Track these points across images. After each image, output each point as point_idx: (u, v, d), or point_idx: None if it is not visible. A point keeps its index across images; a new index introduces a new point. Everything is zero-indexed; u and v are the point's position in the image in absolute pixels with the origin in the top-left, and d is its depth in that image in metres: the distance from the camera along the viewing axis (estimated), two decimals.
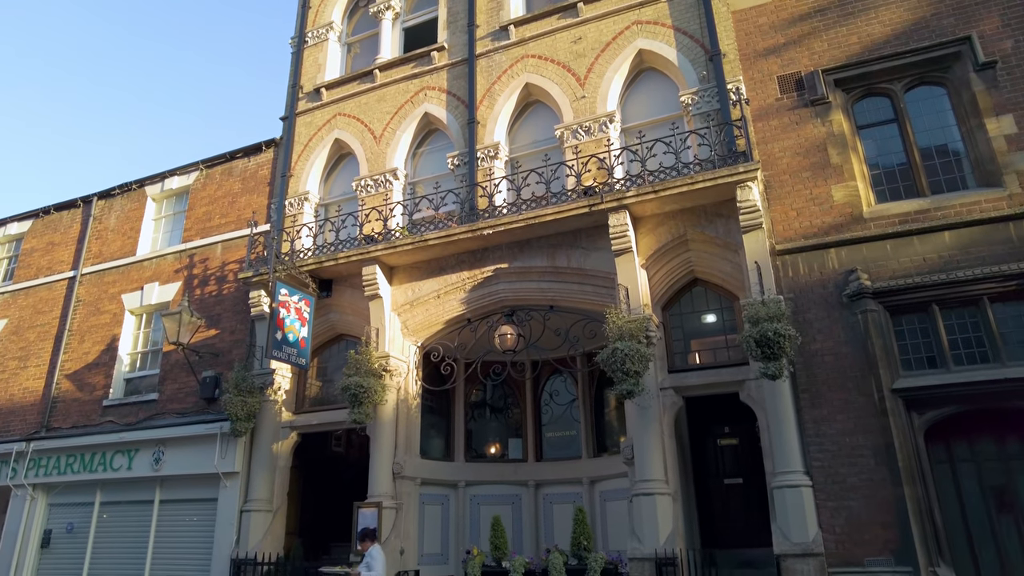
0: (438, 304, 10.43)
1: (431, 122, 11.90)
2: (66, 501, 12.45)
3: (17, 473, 12.69)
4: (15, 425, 13.43)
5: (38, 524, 12.44)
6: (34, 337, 14.19)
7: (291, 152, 12.78)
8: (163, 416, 11.75)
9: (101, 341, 13.23)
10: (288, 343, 10.11)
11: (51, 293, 14.49)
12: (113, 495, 11.96)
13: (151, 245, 13.88)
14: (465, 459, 11.12)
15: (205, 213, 13.21)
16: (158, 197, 14.24)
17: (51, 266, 14.82)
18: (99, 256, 14.20)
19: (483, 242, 9.93)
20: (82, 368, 13.18)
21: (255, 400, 10.59)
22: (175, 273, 12.98)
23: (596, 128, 10.26)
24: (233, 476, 10.70)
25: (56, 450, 12.50)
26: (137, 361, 13.01)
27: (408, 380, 10.41)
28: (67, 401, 13.04)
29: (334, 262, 10.61)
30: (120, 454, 11.82)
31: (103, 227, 14.50)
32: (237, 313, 11.92)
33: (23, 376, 13.88)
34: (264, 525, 10.40)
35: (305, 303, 10.60)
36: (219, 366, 11.63)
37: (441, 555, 10.35)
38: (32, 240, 15.49)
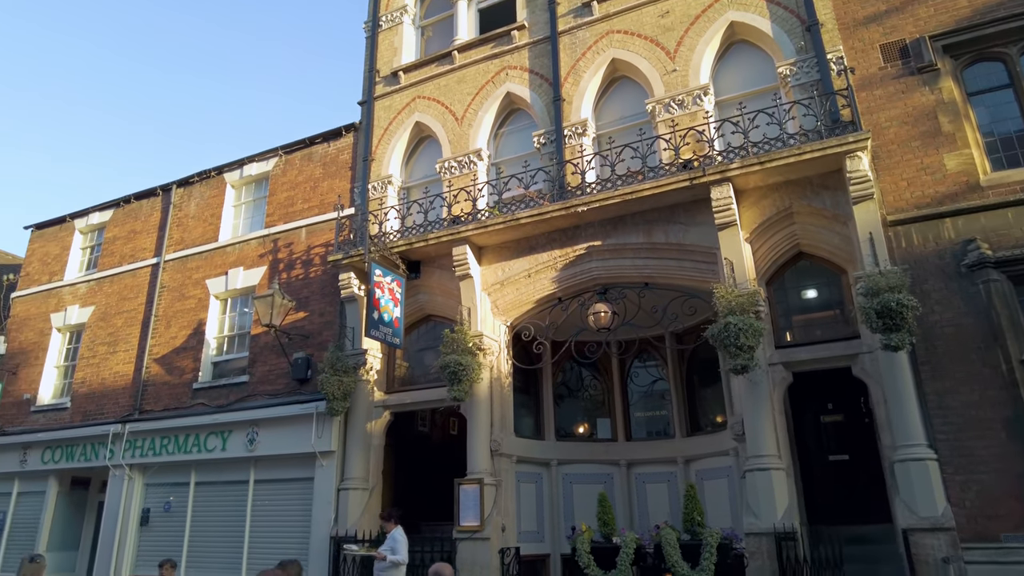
0: (528, 283, 10.41)
1: (513, 101, 11.85)
2: (162, 481, 12.80)
3: (115, 454, 13.08)
4: (109, 408, 13.83)
5: (136, 503, 12.81)
6: (121, 323, 14.56)
7: (371, 136, 12.85)
8: (255, 398, 11.98)
9: (187, 326, 13.52)
10: (383, 323, 10.21)
11: (135, 280, 14.85)
12: (208, 475, 12.25)
13: (232, 231, 14.12)
14: (556, 438, 11.12)
15: (287, 198, 13.38)
16: (237, 184, 14.46)
17: (134, 254, 15.18)
18: (181, 243, 14.49)
19: (575, 220, 9.87)
20: (170, 352, 13.49)
21: (350, 380, 10.72)
22: (259, 258, 13.18)
23: (689, 101, 10.10)
24: (329, 455, 10.87)
25: (150, 432, 12.84)
26: (224, 345, 13.27)
27: (500, 359, 10.43)
28: (157, 384, 13.37)
29: (424, 243, 10.66)
30: (214, 435, 12.09)
31: (183, 214, 14.79)
32: (325, 296, 12.07)
33: (113, 361, 14.27)
34: (361, 503, 10.55)
35: (397, 284, 10.68)
36: (309, 347, 11.80)
37: (537, 532, 10.38)
38: (114, 229, 15.87)
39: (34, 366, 15.66)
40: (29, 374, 15.60)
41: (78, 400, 14.43)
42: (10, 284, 17.84)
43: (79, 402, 14.40)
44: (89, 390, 14.35)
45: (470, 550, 9.25)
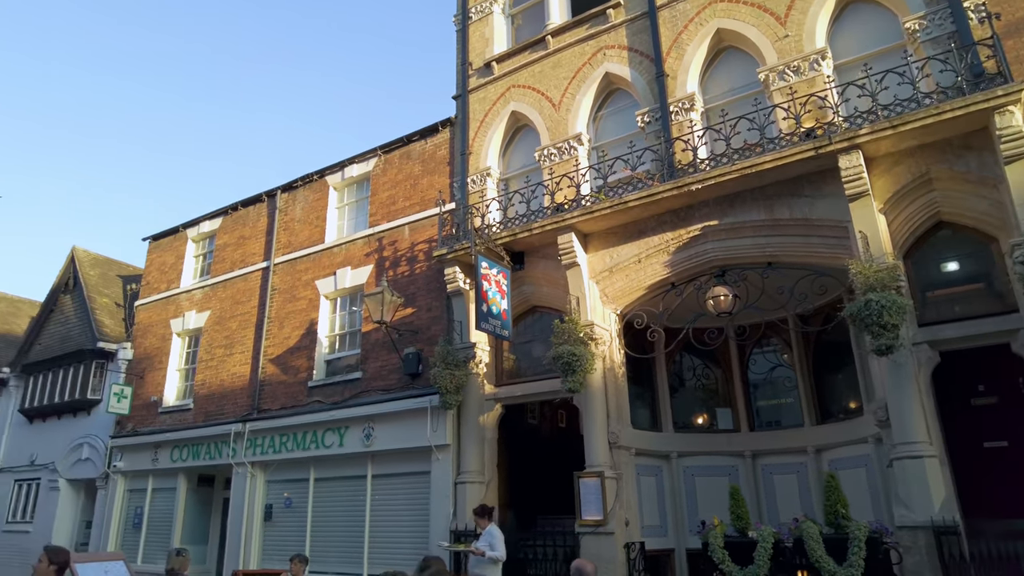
0: (638, 269, 10.05)
1: (612, 82, 11.48)
2: (282, 478, 13.20)
3: (236, 452, 13.60)
4: (228, 408, 14.40)
5: (259, 499, 13.27)
6: (236, 326, 15.13)
7: (467, 129, 12.77)
8: (368, 394, 12.14)
9: (300, 326, 13.88)
10: (492, 315, 10.08)
11: (247, 284, 15.39)
12: (326, 471, 12.53)
13: (337, 232, 14.39)
14: (674, 429, 10.73)
15: (389, 197, 13.50)
16: (339, 186, 14.73)
17: (244, 259, 15.74)
18: (289, 246, 14.90)
19: (688, 199, 9.42)
20: (284, 352, 13.89)
21: (461, 373, 10.68)
22: (365, 257, 13.37)
23: (806, 67, 9.45)
24: (445, 449, 10.88)
25: (269, 430, 13.27)
26: (335, 343, 13.55)
27: (612, 349, 10.12)
28: (273, 384, 13.80)
29: (528, 233, 10.47)
30: (331, 432, 12.35)
31: (289, 218, 15.20)
32: (431, 291, 12.09)
33: (230, 362, 14.85)
34: (479, 497, 10.47)
35: (503, 275, 10.54)
36: (418, 343, 11.86)
37: (660, 527, 10.04)
38: (224, 236, 16.52)
39: (158, 370, 16.52)
40: (155, 377, 16.47)
41: (200, 401, 15.10)
42: (133, 293, 18.91)
43: (201, 403, 15.07)
44: (209, 391, 14.99)
45: (594, 544, 9.01)
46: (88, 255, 20.47)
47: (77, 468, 17.65)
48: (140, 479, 15.90)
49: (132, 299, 18.75)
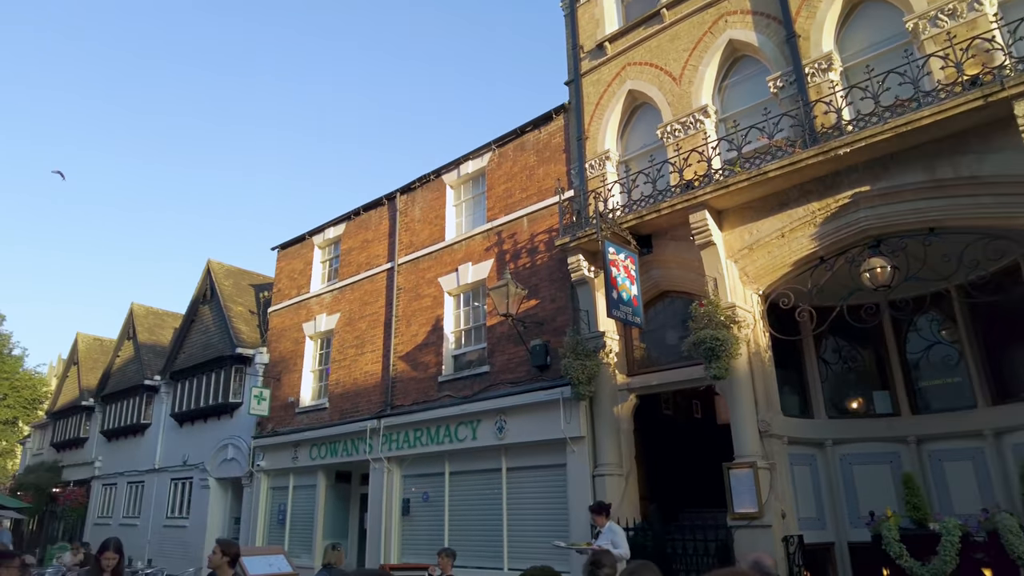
0: (781, 244, 9.39)
1: (736, 49, 10.85)
2: (417, 472, 13.41)
3: (373, 448, 13.94)
4: (363, 405, 14.79)
5: (397, 494, 13.54)
6: (365, 326, 15.53)
7: (582, 114, 12.46)
8: (498, 387, 12.09)
9: (426, 323, 14.05)
10: (623, 302, 9.74)
11: (373, 285, 15.76)
12: (461, 465, 12.59)
13: (456, 229, 14.47)
14: (827, 415, 9.99)
15: (505, 190, 13.41)
16: (455, 183, 14.81)
17: (369, 261, 16.13)
18: (411, 246, 15.13)
19: (834, 165, 8.69)
20: (413, 349, 14.10)
21: (592, 363, 10.40)
22: (485, 252, 13.35)
23: (963, 8, 8.49)
24: (579, 441, 10.64)
25: (403, 425, 13.50)
26: (461, 338, 13.61)
27: (756, 331, 9.53)
28: (404, 380, 14.04)
29: (656, 214, 10.04)
30: (463, 425, 12.40)
31: (409, 219, 15.43)
32: (554, 282, 11.89)
33: (362, 361, 15.25)
34: (619, 490, 10.18)
35: (631, 261, 10.17)
36: (544, 334, 11.68)
37: (817, 519, 9.37)
38: (348, 240, 17.01)
39: (293, 372, 17.24)
40: (291, 379, 17.20)
41: (335, 400, 15.61)
42: (266, 300, 19.86)
43: (336, 402, 15.57)
44: (343, 390, 15.47)
45: (749, 538, 8.48)
46: (222, 267, 21.72)
47: (224, 467, 18.74)
48: (282, 477, 16.65)
49: (265, 306, 19.69)
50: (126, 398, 24.56)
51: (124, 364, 25.82)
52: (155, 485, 21.84)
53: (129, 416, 24.10)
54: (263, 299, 20.42)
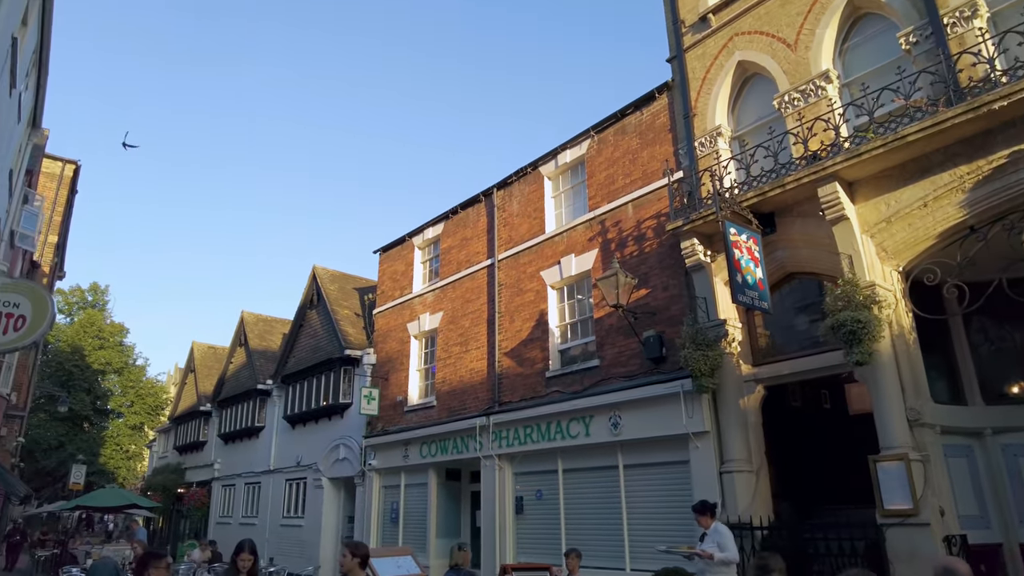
0: (924, 214, 8.52)
1: (858, 7, 9.98)
2: (529, 469, 13.16)
3: (483, 445, 13.81)
4: (470, 403, 14.69)
5: (509, 492, 13.34)
6: (468, 323, 15.44)
7: (688, 90, 11.85)
8: (609, 381, 11.66)
9: (530, 318, 13.78)
10: (748, 286, 9.12)
11: (474, 282, 15.65)
12: (574, 462, 12.24)
13: (556, 221, 14.14)
14: (983, 402, 9.02)
15: (607, 177, 12.96)
16: (553, 174, 14.47)
17: (469, 258, 16.04)
18: (510, 241, 14.91)
19: (985, 123, 7.78)
20: (518, 345, 13.87)
21: (714, 354, 9.81)
22: (588, 242, 12.94)
23: None
24: (703, 436, 10.08)
25: (512, 422, 13.29)
26: (567, 332, 13.26)
27: (899, 311, 8.69)
28: (511, 376, 13.83)
29: (779, 189, 9.35)
30: (575, 421, 12.05)
31: (507, 214, 15.22)
32: (665, 269, 11.35)
33: (467, 359, 15.16)
34: (749, 487, 9.56)
35: (753, 241, 9.53)
36: (656, 325, 11.16)
37: (980, 517, 8.45)
38: (447, 240, 16.99)
39: (400, 371, 17.38)
40: (398, 378, 17.35)
41: (442, 398, 15.60)
42: (370, 303, 20.18)
43: (443, 400, 15.55)
44: (450, 388, 15.43)
45: (904, 538, 7.71)
46: (326, 272, 22.27)
47: (336, 467, 19.15)
48: (393, 475, 16.81)
49: (370, 308, 20.01)
50: (240, 402, 25.63)
51: (237, 370, 26.97)
52: (271, 486, 22.65)
53: (244, 420, 25.13)
54: (367, 301, 20.77)
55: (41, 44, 11.56)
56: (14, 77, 9.33)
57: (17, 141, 11.67)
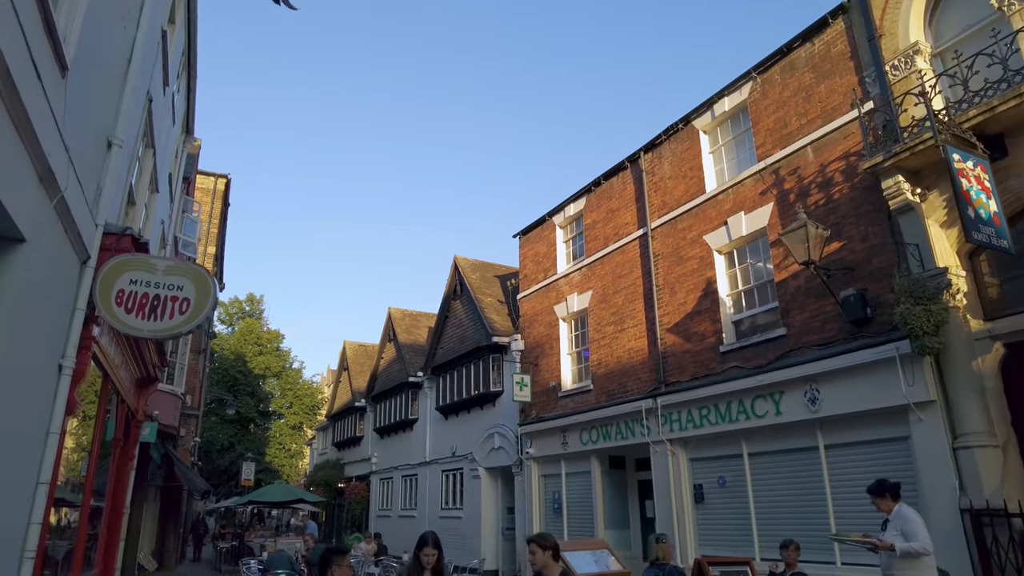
0: None
1: None
2: (707, 454, 11.94)
3: (651, 430, 12.74)
4: (631, 385, 13.66)
5: (685, 479, 12.19)
6: (622, 300, 14.39)
7: (870, 9, 10.17)
8: (801, 351, 10.22)
9: (694, 288, 12.54)
10: (982, 221, 7.49)
11: (624, 256, 14.58)
12: (762, 444, 10.90)
13: (717, 178, 12.79)
14: None
15: (776, 121, 11.47)
16: (709, 127, 13.12)
17: (617, 231, 14.98)
18: (663, 207, 13.71)
19: None
20: (682, 319, 12.67)
21: (938, 308, 8.17)
22: (760, 196, 11.52)
23: None
24: (928, 407, 8.48)
25: (683, 404, 12.12)
26: (741, 300, 11.89)
27: None
28: (677, 354, 12.65)
29: (1016, 101, 7.62)
30: (761, 399, 10.71)
31: (657, 178, 14.02)
32: (861, 216, 9.76)
33: (623, 338, 14.13)
34: (996, 464, 7.91)
35: (981, 169, 7.86)
36: (855, 281, 9.61)
37: None
38: (591, 214, 16.01)
39: (550, 355, 16.62)
40: (548, 363, 16.60)
41: (599, 381, 14.66)
42: (513, 288, 19.61)
43: (600, 383, 14.61)
44: (607, 370, 14.46)
45: None
46: (467, 261, 21.96)
47: (492, 457, 18.72)
48: (552, 464, 16.08)
49: (513, 294, 19.44)
50: (393, 396, 25.99)
51: (388, 365, 27.42)
52: (428, 477, 22.68)
53: (397, 413, 25.45)
54: (510, 287, 20.24)
55: (189, 47, 11.73)
56: (166, 74, 9.34)
57: (174, 145, 11.94)
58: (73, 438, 7.24)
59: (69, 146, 4.60)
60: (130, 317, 5.74)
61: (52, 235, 4.67)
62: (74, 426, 7.19)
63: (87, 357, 5.80)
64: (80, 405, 5.81)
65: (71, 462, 7.31)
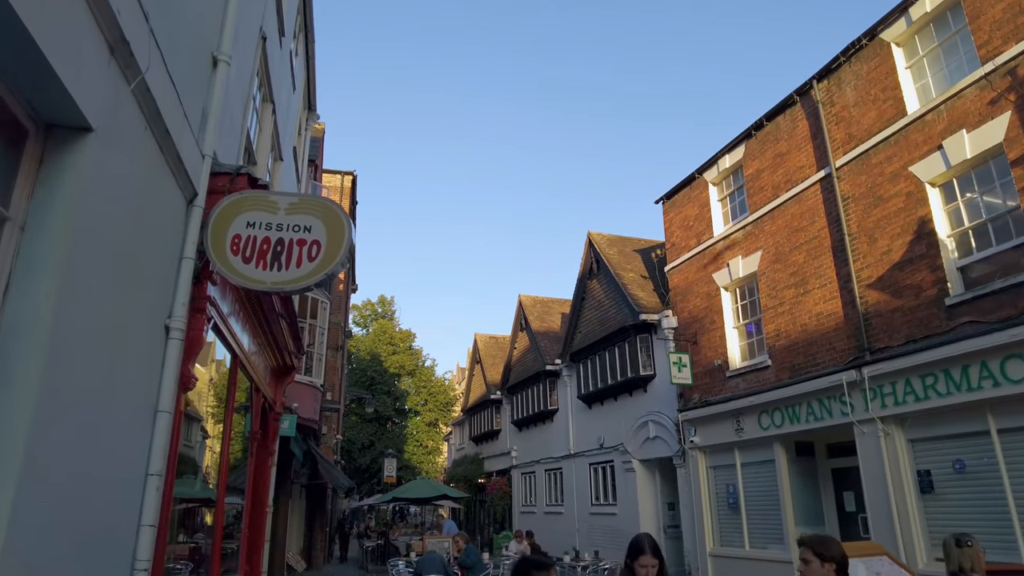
0: None
1: None
2: (934, 433, 9.65)
3: (855, 407, 10.58)
4: (822, 356, 11.52)
5: (904, 465, 9.95)
6: (802, 258, 12.26)
7: None
8: None
9: (901, 233, 10.27)
10: None
11: (801, 206, 12.43)
12: (1018, 417, 8.54)
13: (921, 95, 10.45)
14: None
15: (1007, 8, 9.04)
16: (903, 37, 10.76)
17: (788, 178, 12.84)
18: (849, 141, 11.46)
19: None
20: (887, 272, 10.42)
21: None
22: (988, 106, 9.13)
23: None
24: None
25: (897, 373, 9.90)
26: (969, 240, 9.52)
27: None
28: (883, 314, 10.42)
29: None
30: (1014, 360, 8.37)
31: (839, 107, 11.77)
32: None
33: (807, 302, 12.00)
34: None
35: None
36: None
37: None
38: (752, 163, 13.93)
39: (711, 330, 14.68)
40: (710, 340, 14.66)
41: (778, 355, 12.59)
42: (659, 259, 17.77)
43: (780, 357, 12.53)
44: (788, 341, 12.37)
45: None
46: (602, 237, 20.30)
47: (647, 448, 16.98)
48: (723, 453, 14.12)
49: (659, 266, 17.61)
50: (529, 386, 24.76)
51: (522, 355, 26.23)
52: (573, 471, 21.22)
53: (535, 404, 24.18)
54: (655, 258, 18.39)
55: (304, 9, 10.87)
56: (281, 21, 8.37)
57: (296, 116, 11.13)
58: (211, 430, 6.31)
59: (150, 15, 3.42)
60: (249, 267, 4.58)
61: (135, 134, 3.51)
62: (208, 419, 6.26)
63: (201, 322, 4.71)
64: (196, 380, 4.73)
65: (209, 459, 6.38)
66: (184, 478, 6.38)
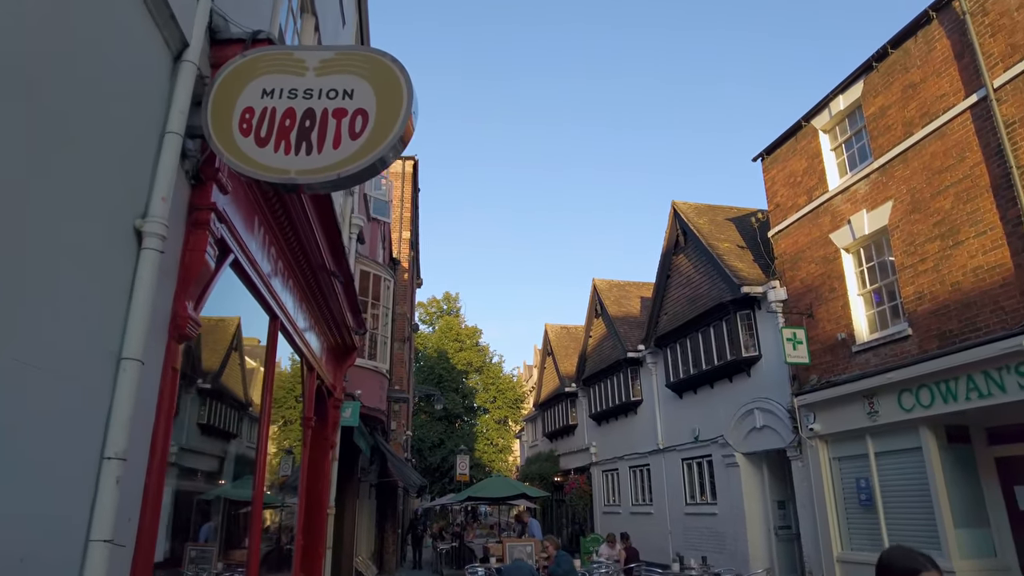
0: None
1: None
2: None
3: None
4: (983, 319, 9.43)
5: None
6: (949, 204, 10.16)
7: None
8: None
9: None
10: None
11: (944, 142, 10.33)
12: None
13: None
14: None
15: None
16: None
17: (924, 110, 10.75)
18: (1012, 53, 9.33)
19: None
20: None
21: None
22: None
23: None
24: None
25: None
26: None
27: None
28: None
29: None
30: None
31: (994, 16, 9.64)
32: None
33: (959, 255, 9.92)
34: None
35: None
36: None
37: None
38: (874, 100, 11.85)
39: (829, 300, 12.64)
40: (828, 311, 12.63)
41: (920, 321, 10.52)
42: (760, 224, 15.77)
43: (923, 323, 10.46)
44: (935, 305, 10.28)
45: None
46: (688, 206, 18.35)
47: (752, 439, 15.01)
48: (850, 442, 12.07)
49: (761, 232, 15.61)
50: (608, 377, 22.99)
51: (598, 343, 24.46)
52: (663, 467, 19.34)
53: (616, 396, 22.39)
54: (755, 225, 16.38)
55: None
56: None
57: None
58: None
59: None
60: (266, 152, 3.09)
61: None
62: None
63: (203, 240, 3.26)
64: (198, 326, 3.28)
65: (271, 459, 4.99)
66: (244, 479, 5.05)
